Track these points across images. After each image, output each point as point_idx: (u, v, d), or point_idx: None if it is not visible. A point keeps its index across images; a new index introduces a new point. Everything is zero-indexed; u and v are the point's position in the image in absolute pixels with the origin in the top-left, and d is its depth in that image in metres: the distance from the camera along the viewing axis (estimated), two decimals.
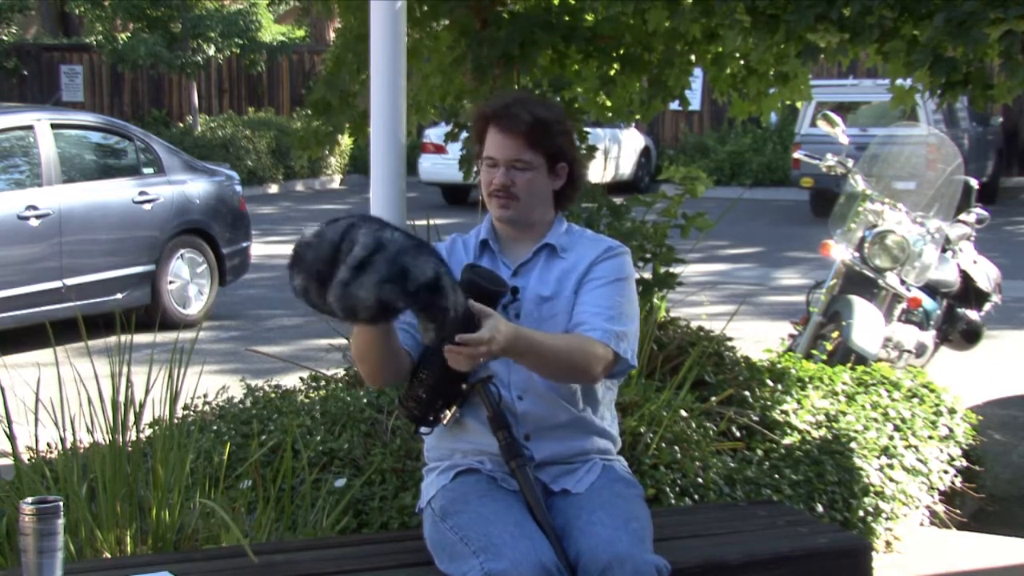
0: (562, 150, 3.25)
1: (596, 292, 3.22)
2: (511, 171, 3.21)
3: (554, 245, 3.30)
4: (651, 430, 4.62)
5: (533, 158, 3.21)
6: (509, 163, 3.21)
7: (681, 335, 5.67)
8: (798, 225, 17.47)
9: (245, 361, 8.60)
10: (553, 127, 3.22)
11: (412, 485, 4.23)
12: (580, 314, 3.20)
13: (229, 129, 22.68)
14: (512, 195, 3.22)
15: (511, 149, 3.20)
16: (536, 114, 3.21)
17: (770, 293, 12.20)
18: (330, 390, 5.21)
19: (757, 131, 22.72)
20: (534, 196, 3.25)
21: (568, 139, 3.28)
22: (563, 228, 3.36)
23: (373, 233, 2.77)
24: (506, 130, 3.20)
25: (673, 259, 5.72)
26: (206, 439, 4.61)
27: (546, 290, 3.25)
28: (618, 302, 3.22)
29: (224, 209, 10.97)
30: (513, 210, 3.24)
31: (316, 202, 21.49)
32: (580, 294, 3.23)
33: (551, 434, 3.24)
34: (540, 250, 3.31)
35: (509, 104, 3.22)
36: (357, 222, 2.82)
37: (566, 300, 3.23)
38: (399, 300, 2.75)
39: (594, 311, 3.18)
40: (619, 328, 3.17)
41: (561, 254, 3.30)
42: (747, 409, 5.23)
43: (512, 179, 3.21)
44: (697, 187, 5.82)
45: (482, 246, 3.34)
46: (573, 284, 3.25)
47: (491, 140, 3.22)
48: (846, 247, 7.49)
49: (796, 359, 6.24)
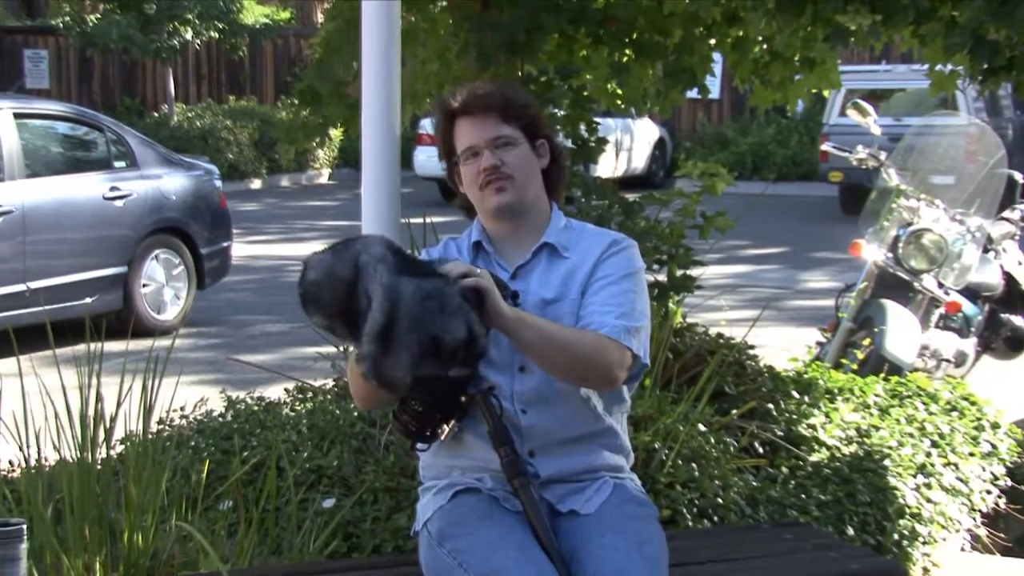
0: (537, 125, 3.32)
1: (604, 291, 3.22)
2: (496, 151, 3.24)
3: (554, 244, 3.30)
4: (666, 446, 4.62)
5: (512, 132, 3.27)
6: (491, 143, 3.24)
7: (699, 343, 5.66)
8: (826, 223, 17.46)
9: (226, 371, 8.60)
10: (522, 104, 3.31)
11: (407, 506, 4.23)
12: (587, 314, 3.20)
13: (208, 119, 22.69)
14: (505, 175, 3.24)
15: (489, 128, 3.25)
16: (502, 92, 3.30)
17: (796, 297, 12.19)
18: (318, 402, 5.21)
19: (781, 121, 22.72)
20: (527, 173, 3.28)
21: (540, 118, 3.36)
22: (561, 223, 3.36)
23: (385, 286, 2.81)
24: (477, 113, 3.27)
25: (690, 261, 5.72)
26: (183, 456, 4.61)
27: (549, 292, 3.25)
28: (628, 298, 3.23)
29: (203, 206, 10.97)
30: (512, 192, 3.26)
31: (303, 198, 21.51)
32: (587, 295, 3.23)
33: (558, 450, 3.23)
34: (540, 250, 3.31)
35: (469, 93, 3.30)
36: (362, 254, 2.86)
37: (571, 303, 3.24)
38: (438, 371, 2.86)
39: (602, 309, 3.19)
40: (631, 324, 3.18)
41: (563, 253, 3.30)
42: (771, 423, 5.22)
43: (500, 158, 3.24)
44: (717, 184, 5.82)
45: (475, 249, 3.35)
46: (579, 285, 3.25)
47: (464, 131, 3.27)
48: (878, 247, 7.48)
49: (824, 369, 6.23)
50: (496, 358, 3.20)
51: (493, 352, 3.18)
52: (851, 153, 7.85)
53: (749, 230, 14.00)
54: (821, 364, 6.39)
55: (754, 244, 15.28)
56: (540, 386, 3.20)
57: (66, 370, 4.02)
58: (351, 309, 2.89)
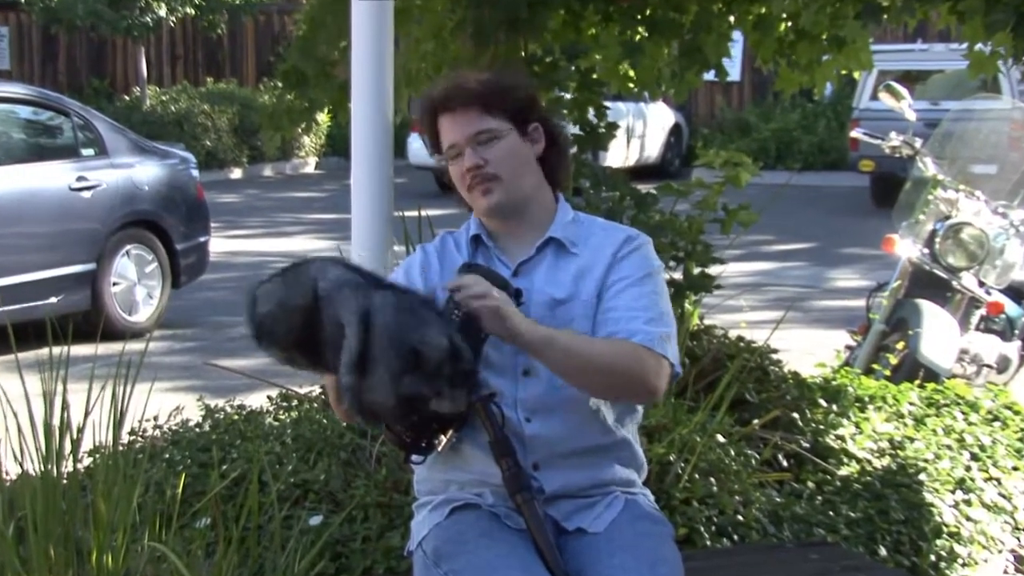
0: (528, 107, 3.29)
1: (625, 295, 3.20)
2: (479, 148, 3.22)
3: (561, 240, 3.29)
4: (682, 458, 4.62)
5: (496, 124, 3.23)
6: (472, 140, 3.22)
7: (718, 346, 5.67)
8: (856, 216, 17.46)
9: (203, 377, 8.61)
10: (508, 88, 3.28)
11: (401, 523, 4.24)
12: (612, 321, 3.17)
13: (184, 103, 22.71)
14: (489, 175, 3.22)
15: (468, 123, 3.22)
16: (484, 80, 3.26)
17: (823, 297, 12.18)
18: (303, 411, 5.22)
19: (808, 106, 22.73)
20: (516, 167, 3.24)
21: (533, 100, 3.33)
22: (568, 216, 3.34)
23: (356, 310, 2.79)
24: (456, 106, 3.23)
25: (709, 258, 5.72)
26: (157, 470, 4.61)
27: (560, 291, 3.24)
28: (653, 301, 3.22)
29: (178, 198, 10.98)
30: (499, 193, 3.24)
31: (287, 189, 21.52)
32: (605, 298, 3.21)
33: (565, 462, 3.23)
34: (545, 246, 3.30)
35: (455, 79, 3.28)
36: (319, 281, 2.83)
37: (584, 305, 3.22)
38: (424, 388, 2.81)
39: (628, 315, 3.17)
40: (662, 330, 3.18)
41: (571, 249, 3.28)
42: (796, 434, 5.22)
43: (482, 156, 3.22)
44: (741, 175, 5.82)
45: (474, 243, 3.34)
46: (593, 287, 3.24)
47: (445, 128, 3.26)
48: (913, 242, 7.49)
49: (854, 375, 6.24)
50: (497, 361, 3.20)
51: (494, 355, 3.18)
52: (883, 140, 7.85)
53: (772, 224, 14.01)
54: (851, 370, 6.39)
55: (778, 239, 15.28)
56: (546, 393, 3.20)
57: (29, 376, 4.02)
58: (311, 339, 2.87)
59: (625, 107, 20.64)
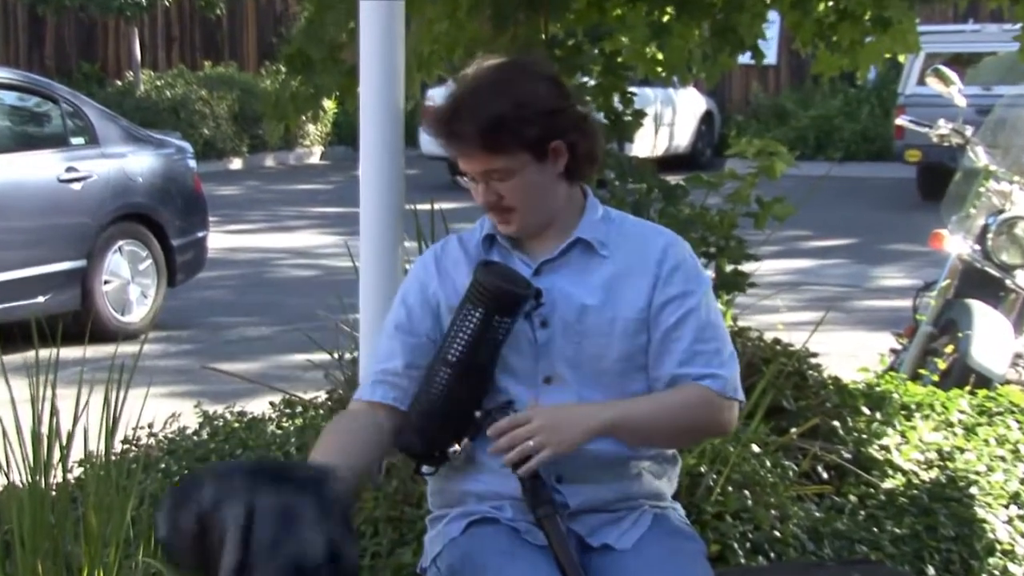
0: (546, 130, 3.18)
1: (687, 325, 3.21)
2: (491, 184, 3.21)
3: (589, 241, 3.27)
4: (714, 470, 4.62)
5: (508, 162, 3.17)
6: (484, 176, 3.21)
7: (752, 350, 5.66)
8: (902, 210, 17.42)
9: (201, 381, 8.62)
10: (514, 116, 3.14)
11: (412, 539, 4.24)
12: (679, 359, 3.21)
13: (180, 88, 22.75)
14: (506, 208, 3.22)
15: (476, 164, 3.19)
16: (484, 115, 3.13)
17: (866, 296, 12.16)
18: (308, 418, 5.23)
19: (850, 91, 22.68)
20: (535, 197, 3.22)
21: (550, 112, 3.19)
22: (598, 214, 3.31)
23: (236, 518, 2.72)
24: (459, 148, 3.19)
25: (743, 255, 5.71)
26: (152, 481, 4.63)
27: (590, 297, 3.22)
28: (716, 327, 3.26)
29: (174, 190, 11.00)
30: (516, 223, 3.24)
31: (290, 181, 21.55)
32: (661, 323, 3.20)
33: (590, 475, 3.23)
34: (571, 247, 3.28)
35: (455, 110, 3.18)
36: (204, 501, 2.78)
37: (626, 323, 3.20)
38: None
39: (695, 351, 3.21)
40: (731, 371, 3.24)
41: (601, 251, 3.26)
42: (837, 444, 5.22)
43: (496, 192, 3.21)
44: (776, 165, 5.81)
45: (488, 243, 3.33)
46: (636, 303, 3.21)
47: (455, 155, 3.25)
48: (963, 238, 7.47)
49: (899, 381, 6.23)
50: (516, 366, 3.20)
51: (514, 359, 3.18)
52: (931, 128, 7.84)
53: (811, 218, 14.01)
54: (896, 375, 6.38)
55: (817, 235, 15.25)
56: (569, 398, 3.20)
57: (15, 380, 4.04)
58: (212, 563, 2.82)
59: (653, 93, 20.61)
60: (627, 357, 3.22)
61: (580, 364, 3.21)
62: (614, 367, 3.22)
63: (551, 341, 3.21)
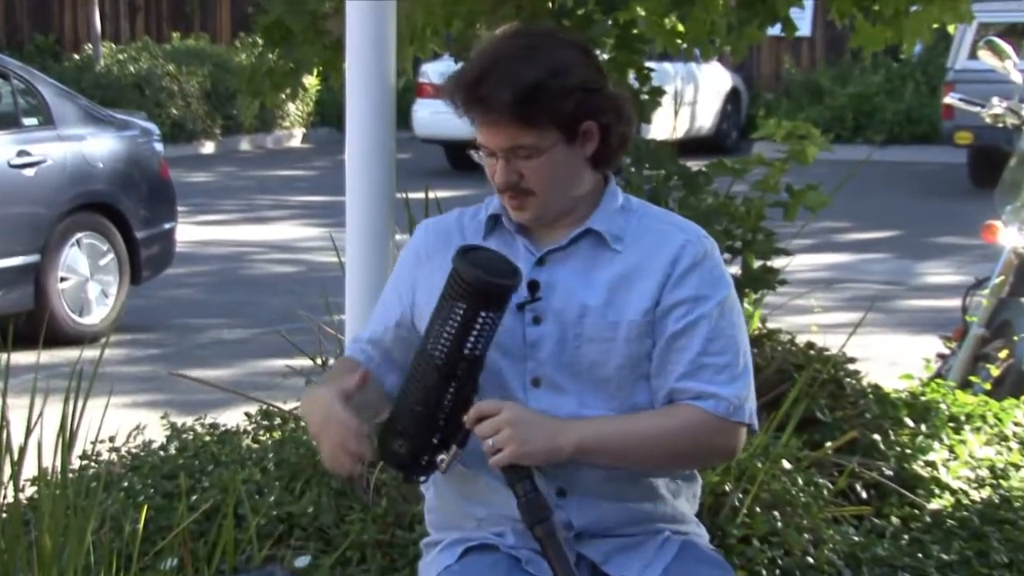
0: (579, 107, 3.18)
1: (697, 333, 3.14)
2: (513, 162, 3.18)
3: (602, 233, 3.25)
4: (740, 488, 4.62)
5: (537, 139, 3.15)
6: (507, 153, 3.18)
7: (783, 355, 5.67)
8: (951, 199, 17.42)
9: (168, 390, 8.63)
10: (552, 86, 3.14)
11: (404, 565, 4.25)
12: (676, 371, 3.16)
13: (145, 63, 22.74)
14: (524, 191, 3.19)
15: (502, 137, 3.16)
16: (520, 80, 3.12)
17: (910, 295, 12.16)
18: (288, 431, 5.23)
19: (893, 66, 22.68)
20: (558, 182, 3.19)
21: (586, 87, 3.19)
22: (616, 203, 3.28)
23: None
24: (487, 116, 3.17)
25: (772, 249, 5.71)
26: (113, 500, 4.63)
27: (593, 297, 3.19)
28: (731, 341, 3.18)
29: (138, 176, 11.00)
30: (532, 210, 3.21)
31: (268, 166, 21.55)
32: (667, 329, 3.16)
33: (599, 489, 3.22)
34: (581, 237, 3.27)
35: (485, 73, 3.16)
36: None
37: (629, 327, 3.16)
38: None
39: (695, 366, 3.15)
40: (739, 391, 3.17)
41: (614, 245, 3.23)
42: (877, 460, 5.22)
43: (517, 171, 3.18)
44: (808, 149, 5.81)
45: (491, 224, 3.32)
46: (641, 305, 3.18)
47: (477, 125, 3.21)
48: (1020, 230, 7.47)
49: (947, 389, 6.23)
50: (501, 365, 3.18)
51: (498, 358, 3.16)
52: (984, 107, 7.83)
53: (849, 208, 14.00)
54: (943, 383, 6.38)
55: (856, 226, 15.25)
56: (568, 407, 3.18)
57: None
58: None
59: (673, 69, 20.62)
60: (631, 365, 3.19)
61: (580, 372, 3.18)
62: (616, 375, 3.19)
63: (541, 340, 3.19)
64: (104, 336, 9.47)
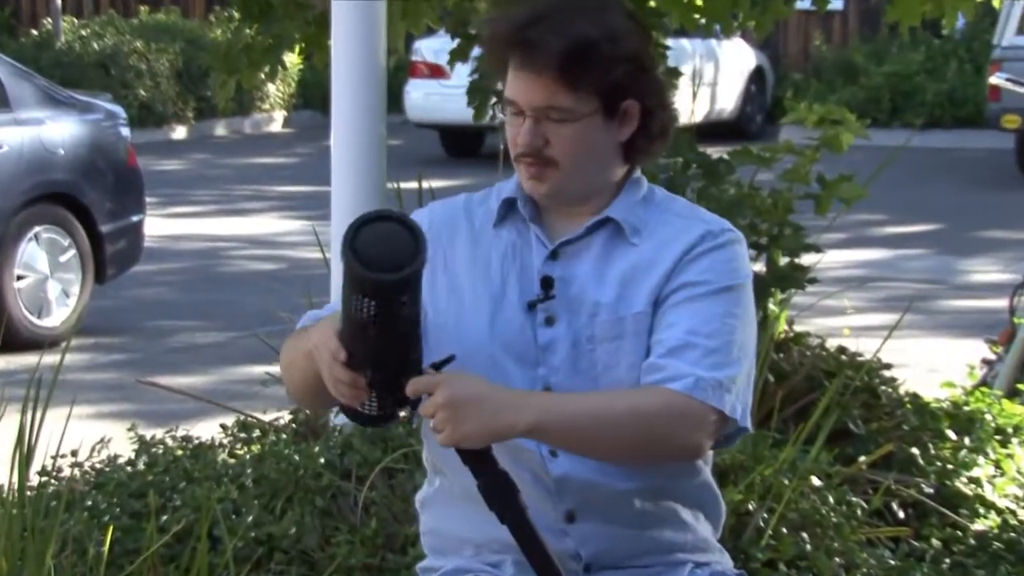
0: (626, 80, 3.17)
1: (686, 309, 3.13)
2: (542, 124, 3.17)
3: (620, 223, 3.24)
4: (765, 507, 4.62)
5: (575, 103, 3.14)
6: (538, 112, 3.17)
7: (812, 360, 5.67)
8: (997, 189, 17.41)
9: (136, 399, 8.63)
10: (604, 48, 3.14)
11: None
12: (659, 348, 3.12)
13: (110, 39, 22.73)
14: (546, 159, 3.18)
15: (539, 91, 3.14)
16: (575, 35, 3.12)
17: (952, 295, 12.16)
18: (268, 444, 5.23)
19: (934, 43, 22.66)
20: (585, 157, 3.18)
21: (638, 62, 3.19)
22: (639, 194, 3.26)
23: None
24: (529, 63, 3.14)
25: (801, 245, 5.72)
26: (76, 521, 4.63)
27: (603, 294, 3.20)
28: (725, 326, 3.13)
29: (103, 164, 10.99)
30: (550, 183, 3.19)
31: (246, 153, 21.55)
32: (662, 310, 3.17)
33: (613, 512, 3.20)
34: (598, 227, 3.26)
35: (536, 19, 3.15)
36: None
37: (636, 320, 3.16)
38: None
39: (680, 343, 3.13)
40: (722, 375, 3.11)
41: (631, 238, 3.22)
42: (916, 476, 5.22)
43: (544, 135, 3.17)
44: (841, 136, 5.81)
45: (504, 210, 3.31)
46: (650, 292, 3.18)
47: (511, 76, 3.19)
48: None
49: (993, 398, 6.23)
50: (510, 371, 3.15)
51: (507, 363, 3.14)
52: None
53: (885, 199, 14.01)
54: (989, 391, 6.39)
55: (892, 219, 15.25)
56: None
57: None
58: None
59: (691, 46, 20.62)
60: (641, 364, 3.16)
61: (596, 376, 3.17)
62: (628, 378, 3.15)
63: (555, 343, 3.17)
64: (65, 340, 9.46)
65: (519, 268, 3.21)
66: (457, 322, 3.19)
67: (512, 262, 3.21)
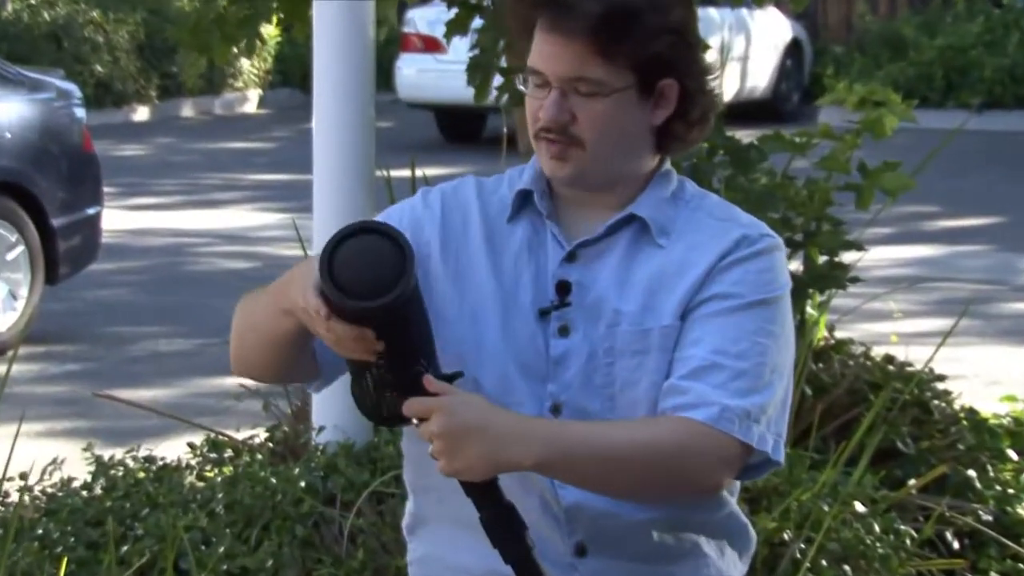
0: (667, 54, 3.15)
1: (714, 324, 3.08)
2: (569, 97, 3.16)
3: (647, 221, 3.23)
4: (802, 537, 4.63)
5: (608, 75, 3.12)
6: (565, 83, 3.16)
7: (855, 371, 5.68)
8: None
9: (93, 415, 8.64)
10: (647, 20, 3.12)
11: None
12: (682, 367, 3.09)
13: (63, 9, 22.75)
14: (571, 138, 3.16)
15: (568, 59, 3.13)
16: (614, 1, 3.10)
17: (1014, 297, 12.16)
18: (242, 465, 5.24)
19: (993, 13, 22.67)
20: (614, 138, 3.16)
21: (683, 36, 3.19)
22: (668, 189, 3.24)
23: None
24: (560, 25, 3.12)
25: (841, 241, 5.73)
26: (25, 552, 4.64)
27: (626, 302, 3.18)
28: (757, 346, 3.11)
29: (55, 149, 11.01)
30: (573, 165, 3.17)
31: (216, 137, 21.54)
32: (688, 322, 3.15)
33: (628, 545, 3.20)
34: (620, 225, 3.25)
35: None
36: None
37: (663, 334, 3.15)
38: None
39: (705, 364, 3.10)
40: (749, 403, 3.09)
41: (658, 239, 3.20)
42: (972, 501, 5.23)
43: (571, 110, 3.16)
44: (885, 119, 5.82)
45: (519, 202, 3.30)
46: (679, 303, 3.15)
47: (538, 42, 3.19)
48: None
49: None
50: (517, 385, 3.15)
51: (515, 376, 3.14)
52: None
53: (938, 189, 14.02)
54: None
55: (946, 212, 15.25)
56: None
57: None
58: None
59: (719, 16, 20.64)
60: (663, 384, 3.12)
61: (613, 395, 3.16)
62: (647, 397, 3.12)
63: (568, 356, 3.16)
64: (12, 348, 9.48)
65: (533, 270, 3.18)
66: (466, 327, 3.18)
67: (526, 263, 3.18)
